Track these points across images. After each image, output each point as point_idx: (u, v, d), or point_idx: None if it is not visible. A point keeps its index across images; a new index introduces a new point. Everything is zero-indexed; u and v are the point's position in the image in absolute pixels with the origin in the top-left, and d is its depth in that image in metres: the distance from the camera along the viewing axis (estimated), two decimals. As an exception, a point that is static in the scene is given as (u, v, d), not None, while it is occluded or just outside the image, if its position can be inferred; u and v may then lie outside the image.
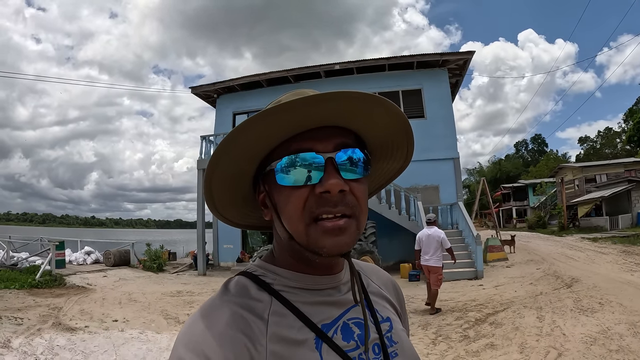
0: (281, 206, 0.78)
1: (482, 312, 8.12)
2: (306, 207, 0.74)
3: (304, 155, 0.75)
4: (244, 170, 0.81)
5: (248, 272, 0.85)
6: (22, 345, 6.56)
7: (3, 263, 15.10)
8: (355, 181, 0.77)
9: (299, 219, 0.75)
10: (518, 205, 57.83)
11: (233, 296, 0.78)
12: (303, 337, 0.75)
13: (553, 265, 13.94)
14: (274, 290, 0.80)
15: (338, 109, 0.73)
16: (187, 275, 17.23)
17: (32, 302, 9.93)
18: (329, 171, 0.74)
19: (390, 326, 0.89)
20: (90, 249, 20.08)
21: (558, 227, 35.98)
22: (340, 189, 0.73)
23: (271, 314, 0.76)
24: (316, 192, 0.74)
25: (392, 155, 0.90)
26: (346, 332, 0.80)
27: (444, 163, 17.94)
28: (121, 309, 9.83)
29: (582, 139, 76.82)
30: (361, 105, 0.74)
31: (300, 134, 0.76)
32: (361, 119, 0.77)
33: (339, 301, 0.83)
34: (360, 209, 0.77)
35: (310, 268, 0.82)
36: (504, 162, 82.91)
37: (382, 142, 0.85)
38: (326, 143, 0.76)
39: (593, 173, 40.34)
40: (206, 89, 21.66)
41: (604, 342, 5.79)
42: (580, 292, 9.11)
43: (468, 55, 18.91)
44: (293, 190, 0.75)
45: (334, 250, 0.75)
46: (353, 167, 0.77)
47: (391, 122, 0.81)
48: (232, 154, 0.76)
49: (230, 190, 0.84)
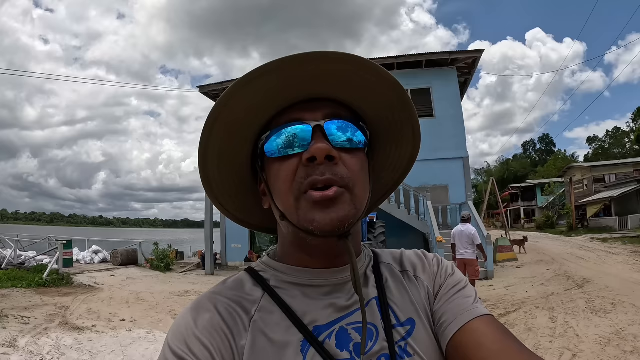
0: (272, 182, 0.74)
1: (494, 312, 7.96)
2: (295, 179, 0.69)
3: (291, 125, 0.71)
4: (238, 150, 0.77)
5: (250, 268, 0.82)
6: (29, 344, 6.53)
7: (11, 262, 15.17)
8: (347, 152, 0.71)
9: (287, 191, 0.70)
10: (526, 205, 57.61)
11: (226, 289, 0.76)
12: (288, 338, 0.70)
13: (563, 265, 13.83)
14: (268, 285, 0.76)
15: (318, 73, 0.68)
16: (194, 275, 17.25)
17: (39, 301, 9.93)
18: (316, 137, 0.69)
19: (409, 331, 0.75)
20: (98, 248, 20.16)
21: (567, 227, 35.81)
22: (327, 153, 0.68)
23: (259, 309, 0.73)
24: (303, 160, 0.69)
25: (398, 138, 0.81)
26: (342, 339, 0.71)
27: (453, 162, 17.84)
28: (129, 308, 9.80)
29: (591, 138, 76.51)
30: (343, 68, 0.69)
31: (290, 107, 0.73)
32: (349, 87, 0.72)
33: (339, 303, 0.74)
34: (355, 182, 0.70)
35: (310, 258, 0.76)
36: (511, 162, 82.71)
37: (384, 122, 0.79)
38: (315, 113, 0.72)
39: (602, 173, 40.15)
40: (214, 88, 21.62)
41: (618, 343, 5.71)
42: (592, 292, 9.00)
43: (477, 53, 18.76)
44: (282, 162, 0.71)
45: (326, 225, 0.67)
46: (344, 137, 0.71)
47: (386, 93, 0.74)
48: (222, 129, 0.72)
49: (230, 178, 0.80)
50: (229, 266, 19.45)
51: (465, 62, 18.83)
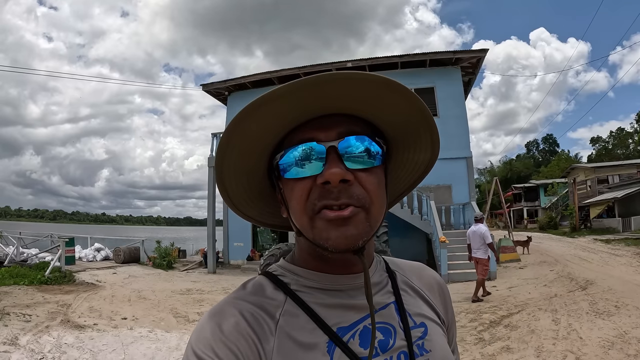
0: (288, 200, 0.76)
1: (497, 314, 7.99)
2: (309, 200, 0.71)
3: (304, 146, 0.71)
4: (254, 166, 0.78)
5: (268, 272, 0.83)
6: (30, 342, 6.52)
7: (13, 259, 15.20)
8: (363, 171, 0.71)
9: (302, 211, 0.72)
10: (529, 205, 57.51)
11: (247, 294, 0.77)
12: (314, 340, 0.71)
13: (566, 267, 13.76)
14: (290, 290, 0.78)
15: (336, 93, 0.68)
16: (196, 273, 17.25)
17: (41, 299, 9.93)
18: (330, 160, 0.70)
19: (424, 332, 0.81)
20: (100, 246, 20.14)
21: (570, 228, 35.68)
22: (341, 178, 0.68)
23: (283, 313, 0.74)
24: (317, 183, 0.70)
25: (414, 144, 0.81)
26: (365, 337, 0.74)
27: (456, 162, 17.77)
28: (130, 306, 9.79)
29: (594, 139, 76.27)
30: (362, 87, 0.69)
31: (304, 124, 0.73)
32: (366, 103, 0.72)
33: (360, 304, 0.76)
34: (371, 201, 0.71)
35: (328, 266, 0.78)
36: (515, 162, 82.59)
37: (400, 129, 0.78)
38: (329, 131, 0.72)
39: (605, 174, 40.07)
40: (217, 87, 21.65)
41: (622, 346, 5.66)
42: (596, 294, 8.95)
43: (481, 53, 18.69)
44: (297, 182, 0.72)
45: (340, 243, 0.69)
46: (360, 156, 0.71)
47: (402, 105, 0.74)
48: (236, 148, 0.73)
49: (248, 188, 0.81)
50: (231, 264, 19.45)
51: (470, 61, 18.77)
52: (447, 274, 12.61)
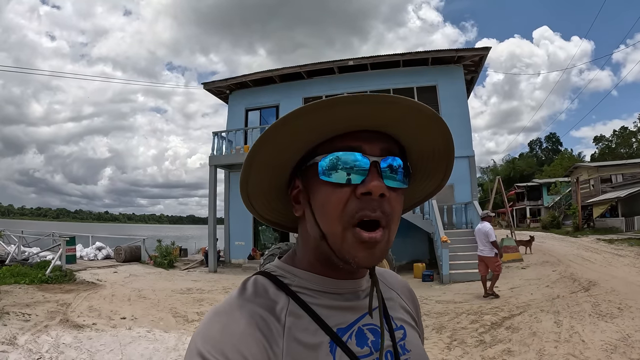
0: (318, 204, 0.77)
1: (498, 315, 7.92)
2: (346, 209, 0.73)
3: (351, 154, 0.74)
4: (285, 162, 0.80)
5: (267, 272, 0.84)
6: (28, 342, 6.49)
7: (14, 258, 15.19)
8: (394, 190, 0.76)
9: (337, 219, 0.74)
10: (532, 204, 57.38)
11: (252, 295, 0.78)
12: (318, 340, 0.74)
13: (569, 267, 13.68)
14: (291, 291, 0.80)
15: (396, 115, 0.73)
16: (197, 272, 17.24)
17: (41, 298, 9.91)
18: (372, 173, 0.73)
19: (404, 334, 0.88)
20: (102, 245, 20.14)
21: (573, 227, 35.63)
22: (382, 192, 0.72)
23: (288, 315, 0.76)
24: (357, 193, 0.73)
25: (430, 175, 0.89)
26: (361, 338, 0.79)
27: (458, 161, 17.54)
28: (130, 305, 9.76)
29: (597, 138, 75.90)
30: (417, 117, 0.74)
31: (347, 133, 0.75)
32: (408, 130, 0.77)
33: (355, 306, 0.82)
34: (394, 219, 0.76)
35: (333, 272, 0.81)
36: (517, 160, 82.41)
37: (424, 161, 0.85)
38: (373, 146, 0.76)
39: (608, 173, 39.92)
40: (219, 85, 21.57)
41: (625, 350, 5.57)
42: (599, 296, 8.88)
43: (484, 51, 18.56)
44: (335, 188, 0.74)
45: (365, 263, 0.74)
46: (394, 175, 0.76)
47: (439, 142, 0.81)
48: (279, 142, 0.75)
49: (267, 180, 0.83)
50: (233, 263, 19.41)
51: (472, 59, 18.63)
52: (449, 273, 12.56)
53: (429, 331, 7.17)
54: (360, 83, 19.22)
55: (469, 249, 13.92)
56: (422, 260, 15.54)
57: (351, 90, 19.22)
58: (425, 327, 7.38)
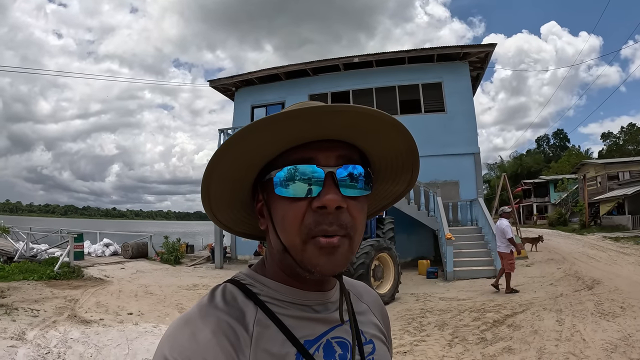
0: (278, 217, 0.76)
1: (501, 313, 7.96)
2: (304, 222, 0.72)
3: (304, 167, 0.73)
4: (244, 176, 0.79)
5: (236, 280, 0.84)
6: (37, 337, 6.61)
7: (23, 254, 15.35)
8: (353, 199, 0.75)
9: (296, 233, 0.73)
10: (539, 201, 57.07)
11: (220, 304, 0.77)
12: (284, 352, 0.74)
13: (574, 265, 13.70)
14: (260, 300, 0.79)
15: (347, 123, 0.71)
16: (204, 269, 17.35)
17: (49, 294, 10.04)
18: (327, 185, 0.72)
19: (373, 348, 0.88)
20: (109, 241, 20.28)
21: (579, 225, 35.45)
22: (337, 205, 0.71)
23: (256, 324, 0.75)
24: (313, 207, 0.72)
25: (395, 178, 0.88)
26: (328, 351, 0.79)
27: (464, 158, 17.70)
28: (137, 301, 9.88)
29: (605, 134, 75.52)
30: (371, 123, 0.73)
31: (304, 144, 0.74)
32: (369, 137, 0.76)
33: (324, 318, 0.82)
34: (355, 229, 0.75)
35: (300, 283, 0.81)
36: (525, 157, 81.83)
37: (388, 163, 0.84)
38: (329, 156, 0.75)
39: (616, 170, 39.73)
40: (225, 83, 21.65)
41: (625, 349, 5.59)
42: (602, 294, 8.90)
43: (489, 48, 18.54)
44: (291, 202, 0.73)
45: (327, 270, 0.74)
46: (353, 184, 0.75)
47: (399, 145, 0.80)
48: (234, 158, 0.74)
49: (228, 194, 0.82)
50: (239, 260, 19.52)
51: (478, 56, 18.62)
52: (453, 270, 12.60)
53: (431, 328, 7.25)
54: (366, 80, 19.28)
55: (474, 246, 13.97)
56: (427, 257, 15.55)
57: (357, 87, 19.30)
58: (428, 323, 7.49)
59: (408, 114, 18.62)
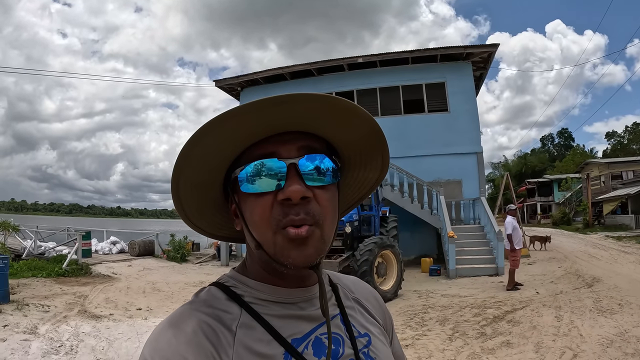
0: (248, 215, 0.76)
1: (501, 309, 8.11)
2: (272, 215, 0.73)
3: (266, 161, 0.73)
4: (211, 179, 0.79)
5: (219, 283, 0.84)
6: (49, 331, 6.81)
7: (31, 252, 15.55)
8: (320, 188, 0.75)
9: (265, 226, 0.73)
10: (543, 201, 56.87)
11: (202, 305, 0.77)
12: (271, 352, 0.73)
13: (575, 263, 13.82)
14: (244, 302, 0.79)
15: (299, 112, 0.71)
16: (210, 266, 17.57)
17: (58, 290, 10.24)
18: (290, 177, 0.72)
19: (368, 341, 0.87)
20: (116, 239, 20.51)
21: (583, 224, 35.36)
22: (301, 195, 0.71)
23: (239, 326, 0.75)
24: (278, 199, 0.72)
25: (366, 164, 0.87)
26: (318, 347, 0.78)
27: (467, 157, 17.80)
28: (145, 297, 10.08)
29: (609, 134, 75.28)
30: (324, 109, 0.72)
31: (264, 139, 0.74)
32: (327, 124, 0.75)
33: (311, 315, 0.81)
34: (325, 218, 0.74)
35: (282, 280, 0.81)
36: (529, 156, 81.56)
37: (354, 149, 0.83)
38: (290, 148, 0.74)
39: (619, 169, 39.51)
40: (230, 82, 21.79)
41: (620, 344, 5.74)
42: (601, 292, 9.04)
43: (492, 48, 18.64)
44: (258, 197, 0.74)
45: (299, 262, 0.73)
46: (317, 174, 0.74)
47: (363, 130, 0.79)
48: (194, 162, 0.74)
49: (200, 198, 0.82)
50: (244, 257, 19.60)
51: (481, 56, 18.66)
52: (455, 268, 12.71)
53: (432, 323, 7.42)
54: (370, 80, 19.37)
55: (476, 244, 14.09)
56: (430, 255, 15.63)
57: (361, 87, 19.41)
58: (429, 319, 7.64)
59: (411, 113, 18.80)
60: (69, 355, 5.84)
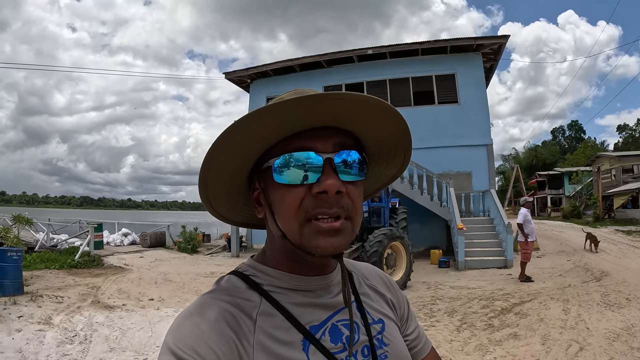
0: (276, 204, 0.78)
1: (509, 301, 8.16)
2: (302, 207, 0.74)
3: (302, 154, 0.75)
4: (241, 166, 0.81)
5: (239, 272, 0.86)
6: (63, 322, 6.94)
7: (43, 244, 15.74)
8: (351, 183, 0.77)
9: (293, 218, 0.75)
10: (553, 193, 56.41)
11: (223, 294, 0.79)
12: (291, 338, 0.76)
13: (584, 257, 13.77)
14: (263, 290, 0.81)
15: (342, 109, 0.73)
16: (220, 257, 17.69)
17: (71, 282, 10.39)
18: (327, 172, 0.74)
19: (382, 327, 0.90)
20: (127, 231, 20.69)
21: (593, 217, 35.05)
22: (337, 189, 0.73)
23: (260, 314, 0.77)
24: (313, 192, 0.74)
25: (389, 161, 0.90)
26: (334, 334, 0.81)
27: (477, 149, 17.77)
28: (157, 288, 10.22)
29: (621, 126, 74.48)
30: (366, 109, 0.74)
31: (299, 133, 0.76)
32: (364, 123, 0.78)
33: (328, 303, 0.84)
34: (356, 211, 0.77)
35: (302, 268, 0.83)
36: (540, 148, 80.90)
37: (381, 147, 0.86)
38: (326, 143, 0.76)
39: (631, 163, 39.08)
40: (240, 74, 21.87)
41: (627, 338, 5.76)
42: (609, 286, 9.03)
43: (503, 39, 18.50)
44: (289, 189, 0.75)
45: (328, 251, 0.75)
46: (350, 169, 0.77)
47: (393, 129, 0.82)
48: (231, 150, 0.75)
49: (226, 185, 0.83)
50: (254, 248, 19.68)
51: (491, 47, 18.59)
52: (464, 260, 12.75)
53: (440, 314, 7.48)
54: (380, 71, 19.35)
55: (485, 236, 14.10)
56: (439, 247, 15.66)
57: (371, 79, 19.38)
58: (438, 310, 7.72)
59: (421, 105, 18.79)
60: (83, 344, 5.94)
